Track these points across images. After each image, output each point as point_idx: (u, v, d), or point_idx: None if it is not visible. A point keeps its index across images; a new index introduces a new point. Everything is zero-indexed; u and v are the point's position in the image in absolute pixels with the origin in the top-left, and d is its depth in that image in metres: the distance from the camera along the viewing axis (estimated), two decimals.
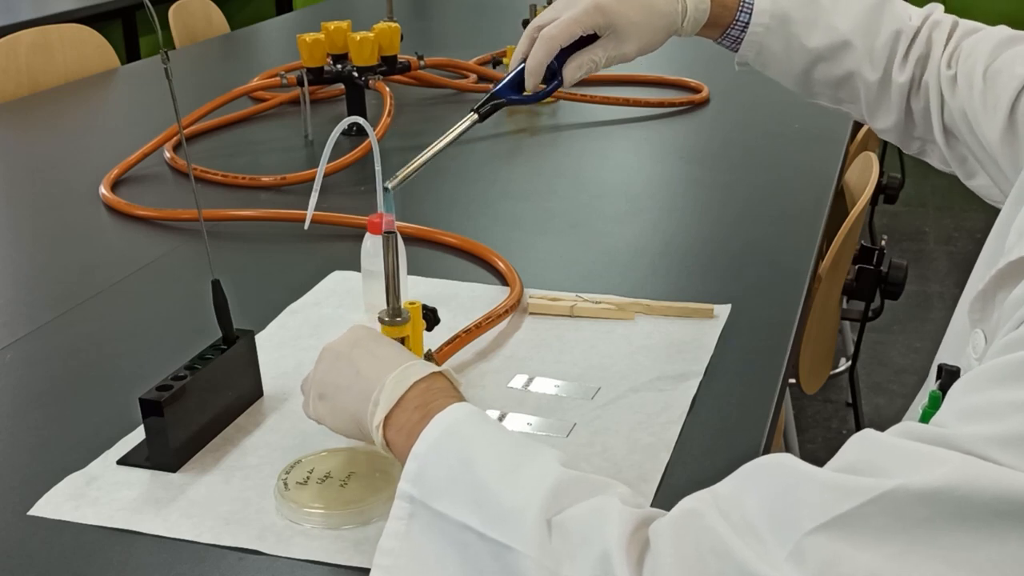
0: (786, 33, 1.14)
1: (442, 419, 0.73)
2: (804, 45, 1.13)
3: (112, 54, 2.56)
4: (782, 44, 1.14)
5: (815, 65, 1.15)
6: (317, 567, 0.78)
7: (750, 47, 1.15)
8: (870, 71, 1.12)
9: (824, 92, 1.18)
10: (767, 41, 1.14)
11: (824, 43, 1.13)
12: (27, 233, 1.50)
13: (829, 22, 1.13)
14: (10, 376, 1.07)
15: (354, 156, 1.60)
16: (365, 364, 0.81)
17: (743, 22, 1.14)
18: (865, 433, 0.61)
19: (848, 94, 1.16)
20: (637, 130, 1.92)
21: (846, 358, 2.70)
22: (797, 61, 1.15)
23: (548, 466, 0.68)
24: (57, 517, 0.84)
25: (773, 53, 1.15)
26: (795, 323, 1.14)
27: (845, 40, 1.12)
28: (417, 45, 2.13)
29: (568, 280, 1.24)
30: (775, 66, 1.17)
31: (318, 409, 0.84)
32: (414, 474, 0.71)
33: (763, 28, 1.14)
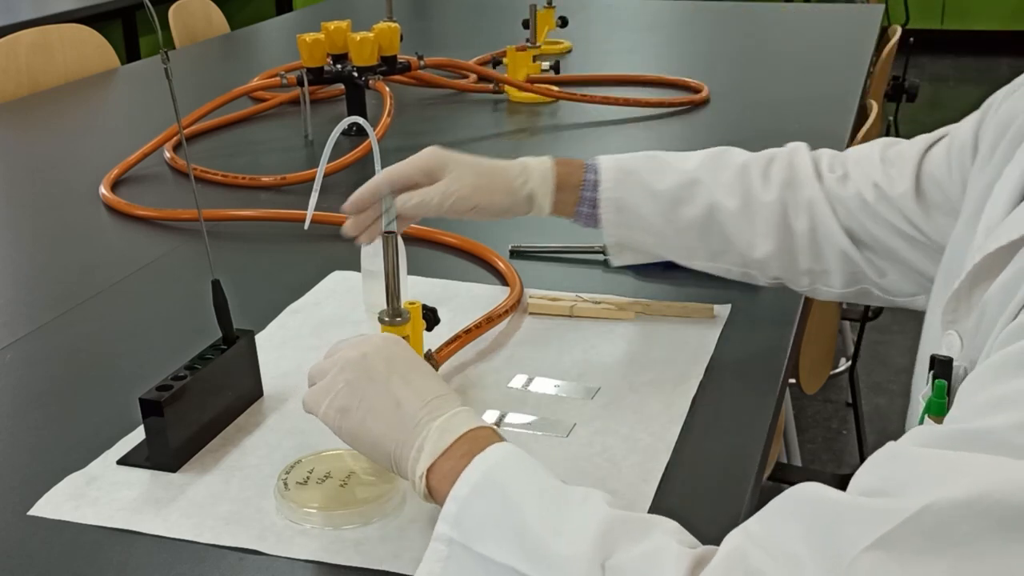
0: (637, 182, 1.08)
1: (483, 461, 0.72)
2: (656, 189, 1.07)
3: (112, 54, 2.56)
4: (636, 194, 1.07)
5: (675, 210, 1.07)
6: (317, 567, 0.78)
7: (608, 205, 1.08)
8: (728, 198, 1.06)
9: (697, 246, 1.09)
10: (621, 194, 1.08)
11: (674, 183, 1.07)
12: (27, 233, 1.50)
13: (674, 167, 1.09)
14: (10, 376, 1.07)
15: (354, 156, 1.60)
16: (405, 396, 0.78)
17: (592, 180, 1.08)
18: (888, 449, 0.61)
19: (719, 240, 1.07)
20: (637, 130, 1.92)
21: (846, 358, 2.70)
22: (655, 210, 1.07)
23: (595, 506, 0.67)
24: (57, 517, 0.83)
25: (631, 207, 1.08)
26: (795, 323, 1.14)
27: (693, 178, 1.07)
28: (417, 45, 2.12)
29: (568, 280, 1.24)
30: (639, 223, 1.08)
31: (335, 420, 0.80)
32: (454, 516, 0.70)
33: (613, 182, 1.07)
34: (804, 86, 2.19)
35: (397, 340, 0.84)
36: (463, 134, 1.92)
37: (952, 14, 6.27)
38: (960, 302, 0.78)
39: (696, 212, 1.07)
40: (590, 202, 1.08)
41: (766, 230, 1.06)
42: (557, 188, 1.08)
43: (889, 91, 2.77)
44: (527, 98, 2.07)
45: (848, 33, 2.71)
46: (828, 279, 1.07)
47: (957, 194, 0.96)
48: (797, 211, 1.06)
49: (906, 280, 1.05)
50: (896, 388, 2.73)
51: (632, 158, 1.10)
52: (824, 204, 1.05)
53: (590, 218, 1.09)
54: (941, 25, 6.27)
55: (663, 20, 3.02)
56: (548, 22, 2.34)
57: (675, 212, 1.07)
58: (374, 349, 0.82)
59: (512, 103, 2.08)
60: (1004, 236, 0.72)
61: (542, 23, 2.27)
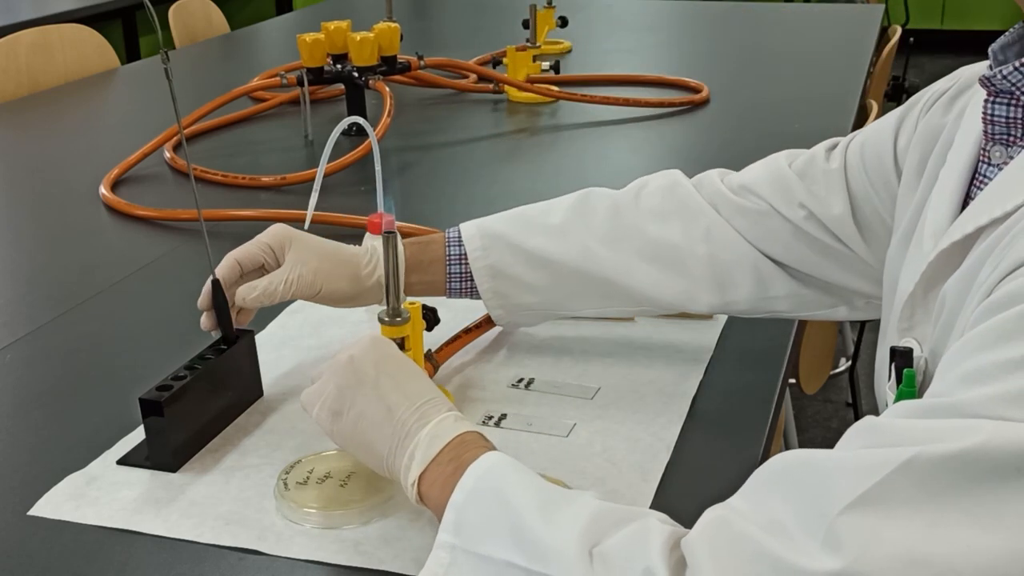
0: (506, 245, 1.03)
1: (476, 468, 0.73)
2: (527, 249, 1.02)
3: (112, 54, 2.56)
4: (508, 256, 1.02)
5: (549, 264, 1.02)
6: (317, 567, 0.78)
7: (483, 274, 1.02)
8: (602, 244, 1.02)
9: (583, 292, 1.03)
10: (493, 260, 1.03)
11: (543, 239, 1.02)
12: (27, 233, 1.50)
13: (541, 223, 1.04)
14: (10, 376, 1.07)
15: (354, 156, 1.60)
16: (395, 401, 0.79)
17: (458, 254, 1.03)
18: (867, 421, 0.61)
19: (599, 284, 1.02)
20: (637, 130, 1.92)
21: (846, 358, 2.70)
22: (534, 270, 1.02)
23: (584, 499, 0.69)
24: (57, 517, 0.83)
25: (506, 270, 1.03)
26: (795, 323, 1.14)
27: (561, 228, 1.03)
28: (417, 45, 2.12)
29: None
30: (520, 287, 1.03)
31: (327, 423, 0.81)
32: (453, 524, 0.71)
33: (481, 249, 1.03)
34: (804, 86, 2.19)
35: (385, 341, 0.84)
36: (463, 134, 1.92)
37: (952, 14, 6.27)
38: (915, 308, 0.78)
39: (571, 258, 1.02)
40: (460, 277, 1.04)
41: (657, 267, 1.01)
42: (412, 270, 1.02)
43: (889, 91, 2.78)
44: (527, 98, 2.07)
45: (848, 33, 2.71)
46: (735, 306, 1.03)
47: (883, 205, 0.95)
48: (691, 240, 1.02)
49: (825, 294, 1.02)
50: None
51: (495, 220, 1.06)
52: (726, 228, 1.01)
53: (466, 292, 1.05)
54: (941, 25, 6.27)
55: (663, 20, 3.02)
56: (548, 22, 2.34)
57: (552, 266, 1.02)
58: (361, 352, 0.82)
59: (512, 103, 2.08)
60: (958, 232, 0.72)
61: (542, 23, 2.27)
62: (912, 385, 0.75)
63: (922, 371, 0.76)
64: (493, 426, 0.95)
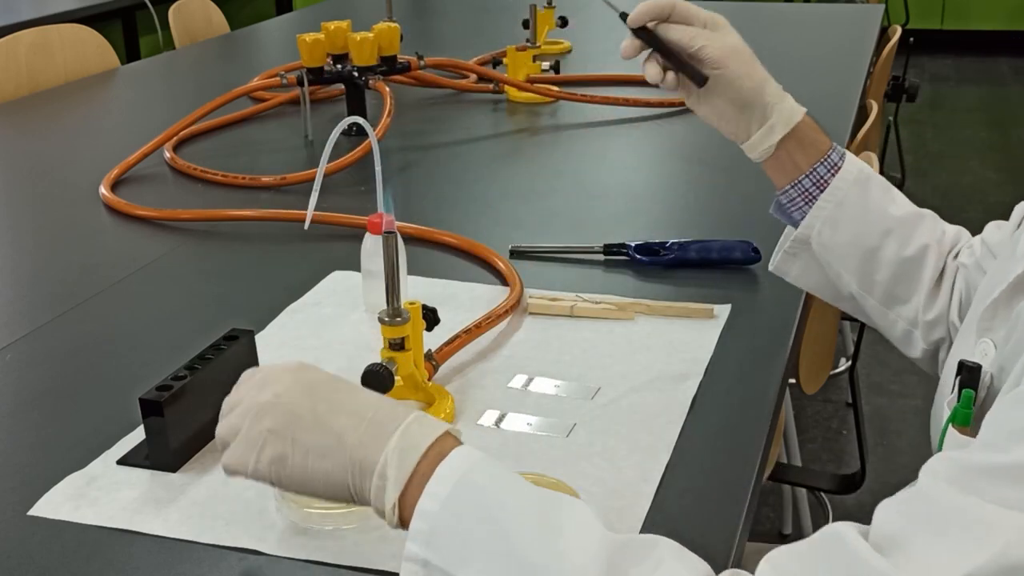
0: (870, 190, 1.03)
1: (450, 470, 0.66)
2: (885, 209, 1.03)
3: (112, 54, 2.55)
4: (863, 203, 1.03)
5: (888, 240, 1.03)
6: (317, 567, 0.78)
7: (834, 194, 1.03)
8: (939, 252, 1.03)
9: (881, 283, 1.04)
10: (853, 195, 1.03)
11: (902, 212, 1.04)
12: (27, 233, 1.50)
13: (902, 197, 1.05)
14: (10, 376, 1.07)
15: (354, 156, 1.60)
16: (342, 424, 0.70)
17: (834, 161, 1.03)
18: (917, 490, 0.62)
19: (907, 286, 1.04)
20: (637, 130, 1.92)
21: (846, 358, 2.70)
22: (874, 227, 1.03)
23: (587, 526, 0.65)
24: (57, 517, 0.83)
25: (853, 212, 1.03)
26: (795, 323, 1.14)
27: (922, 213, 1.04)
28: (417, 45, 2.12)
29: (568, 280, 1.24)
30: (847, 232, 1.04)
31: (272, 473, 0.71)
32: (425, 535, 0.65)
33: (853, 177, 1.03)
34: (804, 86, 2.17)
35: (301, 364, 0.76)
36: (463, 134, 1.92)
37: (952, 14, 6.27)
38: (998, 310, 0.78)
39: (906, 252, 1.02)
40: (816, 180, 1.03)
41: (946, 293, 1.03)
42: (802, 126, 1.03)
43: (889, 91, 2.78)
44: (527, 98, 2.07)
45: (848, 33, 2.71)
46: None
47: None
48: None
49: None
50: (896, 388, 2.73)
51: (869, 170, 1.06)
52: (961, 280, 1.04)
53: (802, 199, 1.04)
54: (941, 25, 6.27)
55: None
56: (548, 22, 2.34)
57: (887, 242, 1.03)
58: (285, 385, 0.73)
59: (512, 103, 2.08)
60: None
61: (542, 23, 2.27)
62: (968, 407, 0.76)
63: (986, 387, 0.76)
64: (493, 426, 0.95)
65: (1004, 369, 0.74)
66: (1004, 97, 5.49)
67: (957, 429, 0.76)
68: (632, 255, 1.28)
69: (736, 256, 1.26)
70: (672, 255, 1.26)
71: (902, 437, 2.53)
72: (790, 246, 1.08)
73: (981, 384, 0.76)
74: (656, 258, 1.27)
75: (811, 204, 1.04)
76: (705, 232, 1.33)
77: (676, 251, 1.26)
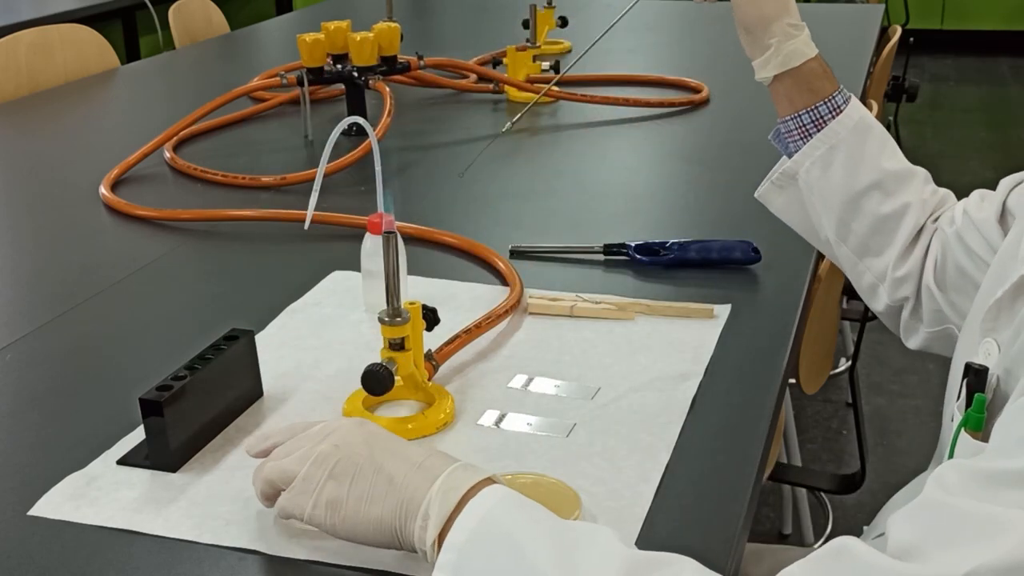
0: (866, 139, 1.05)
1: (479, 505, 0.68)
2: (877, 162, 1.05)
3: (112, 54, 2.55)
4: (857, 151, 1.05)
5: (872, 191, 1.05)
6: (317, 567, 0.78)
7: (829, 137, 1.05)
8: (920, 213, 1.05)
9: (857, 233, 1.07)
10: (848, 141, 1.05)
11: (895, 167, 1.05)
12: (27, 233, 1.50)
13: (898, 152, 1.07)
14: (10, 376, 1.07)
15: (354, 156, 1.60)
16: (395, 469, 0.73)
17: (837, 103, 1.06)
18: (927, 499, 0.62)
19: (882, 240, 1.06)
20: (637, 130, 1.92)
21: (846, 358, 2.70)
22: (862, 177, 1.05)
23: (609, 544, 0.65)
24: (57, 517, 0.83)
25: (845, 158, 1.05)
26: (795, 323, 1.14)
27: (914, 171, 1.06)
28: (417, 45, 2.12)
29: (568, 280, 1.24)
30: (835, 177, 1.06)
31: (326, 518, 0.74)
32: (452, 566, 0.66)
33: (852, 123, 1.05)
34: None
35: (361, 420, 0.79)
36: (463, 134, 1.92)
37: (952, 14, 6.27)
38: (1001, 311, 0.78)
39: (888, 208, 1.04)
40: (815, 117, 1.05)
41: (919, 254, 1.04)
42: (803, 70, 1.05)
43: (889, 91, 2.78)
44: (527, 98, 2.07)
45: (848, 33, 2.71)
46: (919, 315, 1.06)
47: None
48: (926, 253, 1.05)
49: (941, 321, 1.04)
50: (896, 388, 2.73)
51: (871, 120, 1.07)
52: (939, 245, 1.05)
53: (799, 133, 1.06)
54: (941, 25, 6.27)
55: (663, 20, 3.02)
56: (548, 22, 2.33)
57: (872, 193, 1.05)
58: (346, 435, 0.76)
59: (512, 103, 2.08)
60: None
61: (542, 23, 2.27)
62: (981, 411, 0.76)
63: (993, 388, 0.76)
64: (493, 426, 0.95)
65: (1011, 372, 0.74)
66: (1004, 97, 5.49)
67: (969, 434, 0.76)
68: (632, 255, 1.28)
69: (736, 256, 1.26)
70: (672, 255, 1.26)
71: (902, 437, 2.53)
72: (778, 178, 1.11)
73: (988, 386, 0.76)
74: (656, 258, 1.27)
75: (806, 140, 1.07)
76: (705, 232, 1.33)
77: (676, 251, 1.26)
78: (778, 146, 1.11)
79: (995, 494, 0.58)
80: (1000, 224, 0.98)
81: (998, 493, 0.58)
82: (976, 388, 0.76)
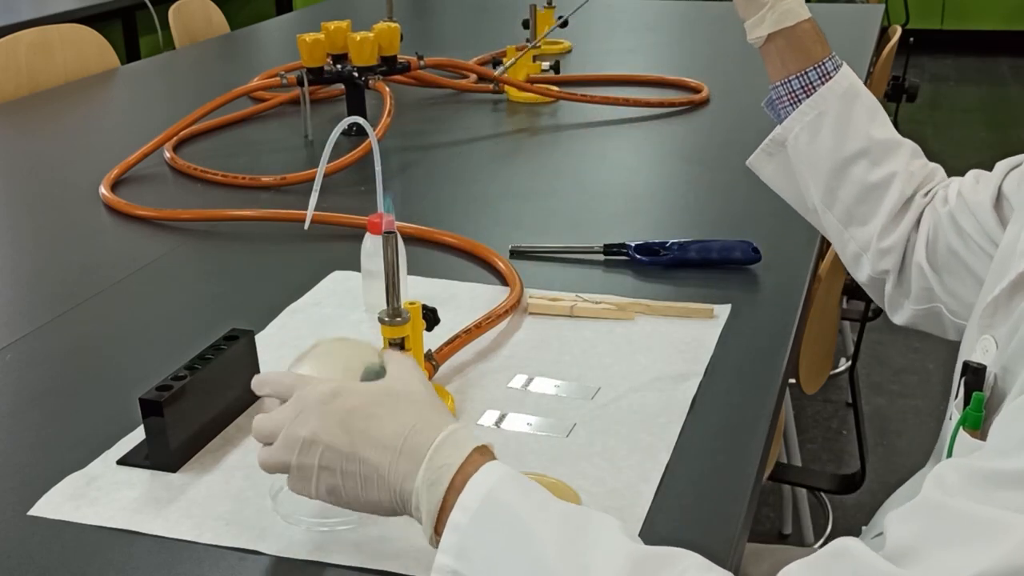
0: (854, 106, 1.06)
1: (480, 484, 0.68)
2: (865, 130, 1.05)
3: (112, 54, 2.55)
4: (845, 118, 1.05)
5: (859, 159, 1.05)
6: (317, 567, 0.78)
7: (818, 103, 1.06)
8: (906, 183, 1.05)
9: (843, 201, 1.07)
10: (836, 108, 1.05)
11: (883, 136, 1.06)
12: (27, 233, 1.50)
13: (887, 121, 1.07)
14: (10, 376, 1.07)
15: (354, 156, 1.60)
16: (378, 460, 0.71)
17: (827, 69, 1.06)
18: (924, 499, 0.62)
19: (867, 210, 1.06)
20: (637, 130, 1.92)
21: (846, 358, 2.70)
22: (849, 145, 1.05)
23: (614, 537, 0.65)
24: (57, 517, 0.83)
25: (832, 125, 1.06)
26: (795, 323, 1.14)
27: (901, 142, 1.06)
28: (417, 45, 2.12)
29: (568, 280, 1.24)
30: (822, 144, 1.06)
31: (329, 500, 0.74)
32: (456, 548, 0.66)
33: (842, 90, 1.06)
34: None
35: (333, 391, 0.74)
36: (463, 134, 1.92)
37: (952, 14, 6.27)
38: (999, 307, 0.78)
39: (874, 177, 1.05)
40: (805, 83, 1.06)
41: (905, 227, 1.05)
42: (796, 31, 1.06)
43: (889, 91, 2.77)
44: (527, 98, 2.07)
45: (848, 33, 2.71)
46: (906, 290, 1.07)
47: None
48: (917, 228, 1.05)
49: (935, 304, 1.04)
50: (896, 388, 2.73)
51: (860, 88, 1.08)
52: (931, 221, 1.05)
53: (789, 99, 1.07)
54: (941, 25, 6.26)
55: (663, 20, 3.02)
56: (548, 22, 2.33)
57: (858, 161, 1.05)
58: (320, 421, 0.73)
59: (512, 103, 2.08)
60: None
61: (542, 23, 2.27)
62: (979, 409, 0.76)
63: (990, 387, 0.76)
64: (493, 426, 0.95)
65: (1008, 370, 0.74)
66: (1004, 97, 5.49)
67: (968, 432, 0.76)
68: (632, 255, 1.28)
69: (736, 256, 1.26)
70: (672, 255, 1.26)
71: (902, 437, 2.53)
72: (767, 144, 1.12)
73: (986, 384, 0.76)
74: (656, 258, 1.27)
75: (795, 106, 1.07)
76: (705, 232, 1.33)
77: (676, 251, 1.26)
78: (770, 113, 1.12)
79: (994, 495, 0.58)
80: (995, 209, 0.98)
81: (997, 494, 0.58)
82: (974, 386, 0.76)
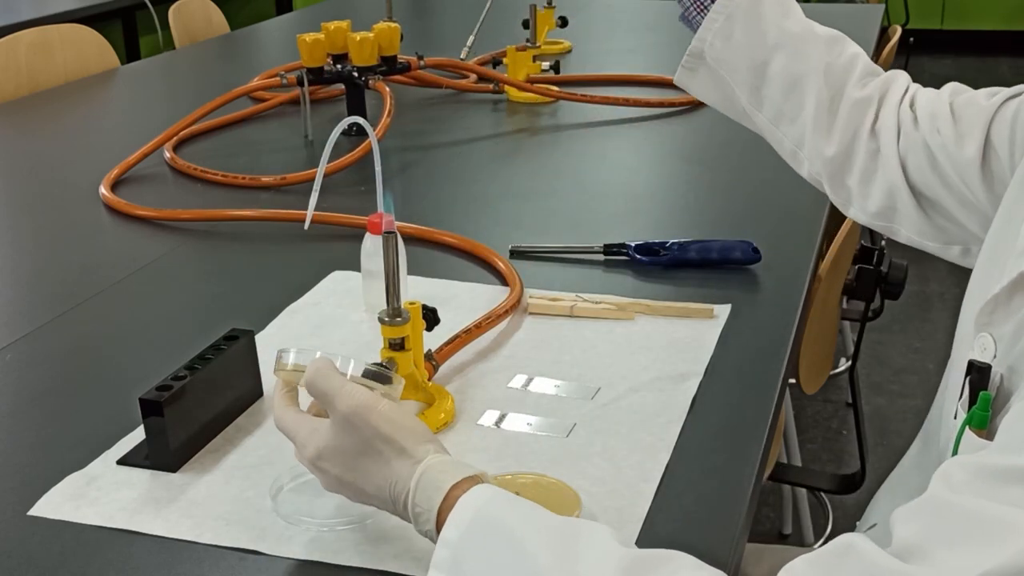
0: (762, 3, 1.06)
1: (472, 499, 0.68)
2: (778, 24, 1.05)
3: (112, 54, 2.55)
4: (754, 16, 1.05)
5: (775, 54, 1.05)
6: (317, 567, 0.78)
7: (725, 5, 1.06)
8: (824, 81, 1.05)
9: (770, 99, 1.08)
10: (744, 7, 1.06)
11: (797, 28, 1.06)
12: (27, 233, 1.50)
13: (800, 14, 1.08)
14: (10, 376, 1.07)
15: (354, 156, 1.60)
16: (376, 500, 0.74)
17: None
18: (931, 497, 0.61)
19: (793, 106, 1.07)
20: (637, 130, 1.92)
21: (846, 358, 2.70)
22: (764, 41, 1.05)
23: (605, 543, 0.65)
24: (57, 517, 0.83)
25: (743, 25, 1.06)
26: (795, 323, 1.14)
27: (815, 33, 1.07)
28: (417, 45, 2.12)
29: (568, 280, 1.24)
30: (737, 46, 1.06)
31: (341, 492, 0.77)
32: (449, 563, 0.66)
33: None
34: None
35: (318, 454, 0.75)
36: (463, 134, 1.92)
37: (952, 14, 6.27)
38: (998, 306, 0.77)
39: (794, 71, 1.05)
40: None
41: (836, 129, 1.05)
42: None
43: None
44: (527, 98, 2.07)
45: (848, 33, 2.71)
46: (866, 204, 1.06)
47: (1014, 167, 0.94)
48: (872, 128, 1.05)
49: (942, 232, 1.04)
50: (896, 388, 2.73)
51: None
52: (893, 134, 1.03)
53: (696, 8, 1.07)
54: (941, 25, 6.26)
55: (663, 20, 3.02)
56: (548, 22, 2.33)
57: (775, 57, 1.05)
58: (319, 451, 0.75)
59: (512, 103, 2.08)
60: None
61: (542, 23, 2.27)
62: (986, 409, 0.75)
63: (996, 386, 0.76)
64: (493, 426, 0.95)
65: (1014, 370, 0.74)
66: None
67: (974, 431, 0.76)
68: (632, 255, 1.28)
69: (736, 256, 1.26)
70: (672, 255, 1.26)
71: (902, 437, 2.52)
72: (686, 60, 1.11)
73: (991, 384, 0.76)
74: (656, 258, 1.27)
75: (703, 16, 1.07)
76: (705, 232, 1.33)
77: (676, 251, 1.26)
78: (688, 27, 1.12)
79: (1001, 491, 0.58)
80: (982, 168, 0.96)
81: (1005, 490, 0.58)
82: (979, 386, 0.76)
